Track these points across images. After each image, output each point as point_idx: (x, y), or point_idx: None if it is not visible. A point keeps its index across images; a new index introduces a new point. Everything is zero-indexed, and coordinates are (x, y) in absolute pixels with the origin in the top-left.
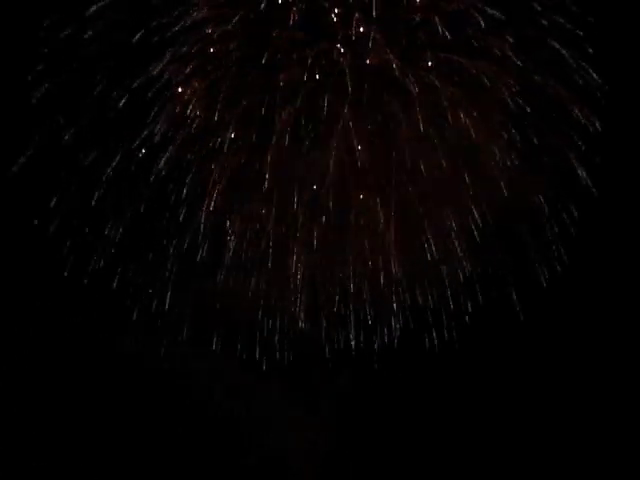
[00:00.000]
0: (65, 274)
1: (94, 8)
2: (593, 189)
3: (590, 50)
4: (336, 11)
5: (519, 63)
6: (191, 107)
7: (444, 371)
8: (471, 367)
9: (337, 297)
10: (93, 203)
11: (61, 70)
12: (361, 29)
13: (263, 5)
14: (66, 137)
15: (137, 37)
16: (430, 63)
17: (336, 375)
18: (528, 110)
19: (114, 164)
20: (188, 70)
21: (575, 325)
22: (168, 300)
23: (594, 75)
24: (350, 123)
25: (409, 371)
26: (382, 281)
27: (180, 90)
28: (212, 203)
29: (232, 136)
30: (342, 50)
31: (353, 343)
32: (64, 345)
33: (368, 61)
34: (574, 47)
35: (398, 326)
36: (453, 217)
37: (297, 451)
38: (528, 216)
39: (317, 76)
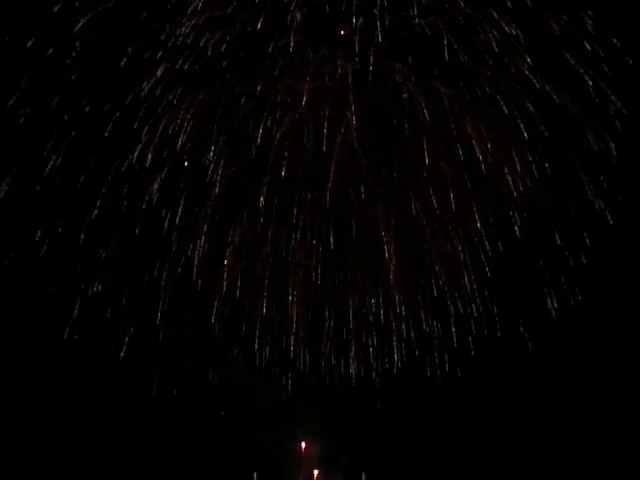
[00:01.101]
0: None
1: (80, 25)
2: (608, 216)
3: (608, 71)
4: (339, 17)
5: (536, 83)
6: (186, 123)
7: (447, 400)
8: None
9: (334, 326)
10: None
11: (47, 90)
12: (365, 34)
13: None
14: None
15: (128, 51)
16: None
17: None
18: (544, 132)
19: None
20: (182, 83)
21: (586, 358)
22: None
23: (612, 97)
24: (353, 132)
25: (409, 399)
26: (382, 316)
27: (173, 106)
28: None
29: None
30: (345, 57)
31: (354, 373)
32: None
33: (371, 67)
34: (592, 67)
35: (399, 357)
36: (462, 246)
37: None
38: (540, 245)
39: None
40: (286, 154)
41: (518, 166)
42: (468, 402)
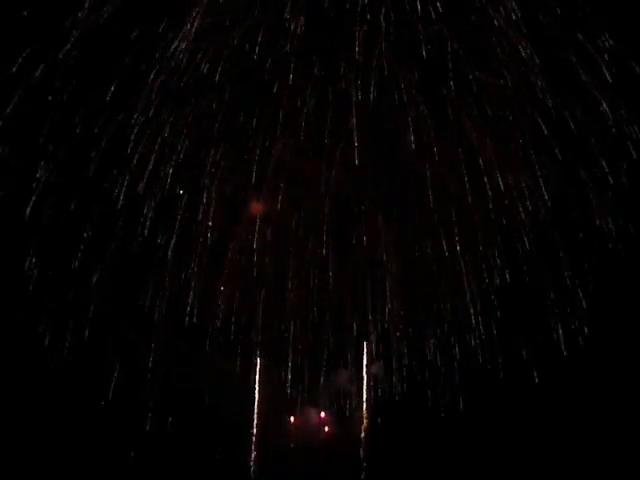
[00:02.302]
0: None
1: (68, 46)
2: (618, 244)
3: (625, 95)
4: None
5: (549, 103)
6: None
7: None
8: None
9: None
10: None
11: (35, 112)
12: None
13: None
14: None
15: (120, 69)
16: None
17: None
18: (556, 154)
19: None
20: (177, 101)
21: (594, 391)
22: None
23: (627, 121)
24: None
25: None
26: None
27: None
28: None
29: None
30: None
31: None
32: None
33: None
34: (608, 90)
35: (400, 385)
36: (467, 274)
37: None
38: (547, 275)
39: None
40: (286, 166)
41: (526, 191)
42: (469, 434)
